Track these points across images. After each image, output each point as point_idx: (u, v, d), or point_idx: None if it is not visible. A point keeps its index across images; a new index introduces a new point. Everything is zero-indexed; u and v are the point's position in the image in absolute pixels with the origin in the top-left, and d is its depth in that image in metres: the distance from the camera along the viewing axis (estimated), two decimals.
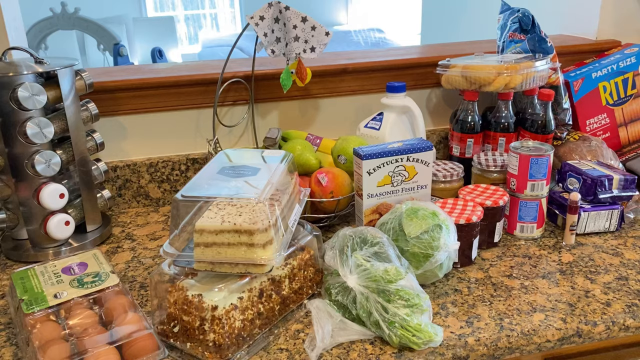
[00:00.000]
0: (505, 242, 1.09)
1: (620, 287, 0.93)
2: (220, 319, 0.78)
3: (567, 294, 0.92)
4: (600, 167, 1.14)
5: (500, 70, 1.17)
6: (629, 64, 1.35)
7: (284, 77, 1.14)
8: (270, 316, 0.86)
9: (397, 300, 0.81)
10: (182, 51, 5.71)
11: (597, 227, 1.10)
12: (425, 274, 0.92)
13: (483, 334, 0.83)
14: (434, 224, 0.91)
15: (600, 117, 1.36)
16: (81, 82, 1.09)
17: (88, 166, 1.12)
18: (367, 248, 0.87)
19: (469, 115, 1.24)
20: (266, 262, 0.78)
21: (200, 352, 0.79)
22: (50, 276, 0.89)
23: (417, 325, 0.79)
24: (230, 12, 6.36)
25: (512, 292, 0.93)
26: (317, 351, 0.78)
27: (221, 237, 0.77)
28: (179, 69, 1.30)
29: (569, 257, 1.03)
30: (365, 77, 1.35)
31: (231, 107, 1.31)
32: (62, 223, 1.05)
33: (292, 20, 1.09)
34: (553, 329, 0.84)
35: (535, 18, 1.26)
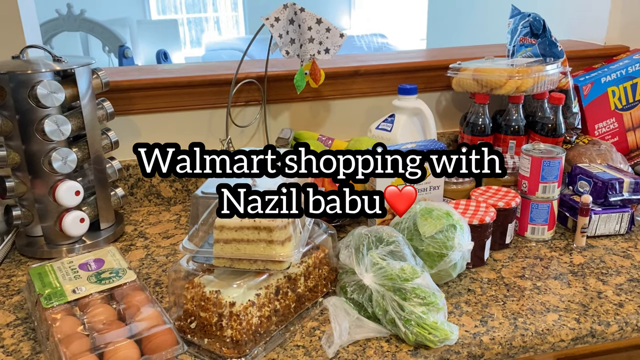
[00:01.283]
0: (517, 244, 1.10)
1: (632, 288, 0.94)
2: (238, 315, 0.79)
3: (580, 294, 0.93)
4: (610, 170, 1.15)
5: (511, 74, 1.18)
6: (638, 69, 1.36)
7: (297, 78, 1.15)
8: (286, 313, 0.87)
9: (413, 299, 0.81)
10: (185, 54, 5.73)
11: (608, 229, 1.11)
12: (439, 274, 0.92)
13: (497, 333, 0.84)
14: (448, 224, 0.92)
15: (608, 122, 1.38)
16: (97, 80, 1.10)
17: (103, 164, 1.12)
18: (382, 247, 0.88)
19: (480, 118, 1.25)
20: (284, 258, 0.79)
21: (218, 347, 0.80)
22: (67, 272, 0.90)
23: (433, 323, 0.80)
24: (233, 16, 6.39)
25: (525, 293, 0.94)
26: (335, 347, 0.78)
27: (241, 233, 0.78)
28: (192, 70, 1.31)
29: (580, 259, 1.04)
30: (376, 80, 1.36)
31: (243, 107, 1.32)
32: (77, 220, 1.06)
33: (307, 21, 1.10)
34: (567, 328, 0.85)
35: (546, 22, 1.28)
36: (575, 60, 1.45)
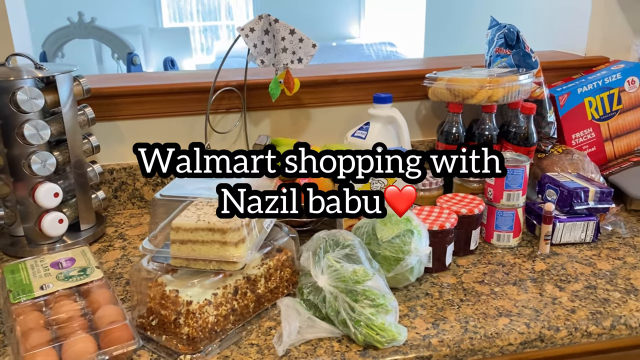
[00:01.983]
0: (482, 250, 1.12)
1: (587, 295, 0.96)
2: (194, 314, 0.82)
3: (535, 300, 0.95)
4: (578, 179, 1.17)
5: (482, 84, 1.20)
6: (615, 80, 1.38)
7: (272, 86, 1.19)
8: (245, 313, 0.90)
9: (363, 300, 0.84)
10: (196, 61, 5.81)
11: (573, 237, 1.12)
12: (397, 277, 0.95)
13: (447, 336, 0.86)
14: (405, 229, 0.95)
15: (586, 132, 1.39)
16: (79, 87, 1.15)
17: (83, 168, 1.17)
18: (338, 250, 0.91)
19: (454, 126, 1.28)
20: (238, 259, 0.82)
21: (174, 344, 0.83)
22: (39, 270, 0.94)
23: (381, 325, 0.83)
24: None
25: (481, 297, 0.96)
26: (284, 346, 0.81)
27: (196, 234, 0.82)
28: (175, 78, 1.36)
29: (542, 266, 1.06)
30: (356, 89, 1.40)
31: (225, 114, 1.36)
32: (56, 221, 1.11)
33: (280, 32, 1.14)
34: (516, 333, 0.87)
35: (521, 34, 1.30)
36: (555, 70, 1.47)
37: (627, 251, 1.10)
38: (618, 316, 0.90)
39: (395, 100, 1.41)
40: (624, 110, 1.40)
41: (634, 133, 1.42)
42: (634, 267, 1.04)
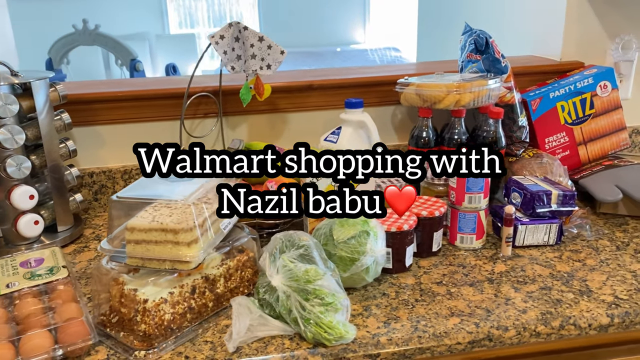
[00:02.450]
0: (446, 252, 1.14)
1: (541, 296, 0.98)
2: (150, 311, 0.85)
3: (489, 300, 0.97)
4: (543, 182, 1.19)
5: (450, 89, 1.23)
6: (586, 85, 1.39)
7: (243, 92, 1.22)
8: (203, 311, 0.93)
9: (313, 299, 0.87)
10: (202, 67, 5.86)
11: (536, 240, 1.14)
12: (353, 277, 0.97)
13: (396, 334, 0.88)
14: (361, 230, 0.97)
15: (559, 136, 1.41)
16: (55, 93, 1.19)
17: (60, 171, 1.21)
18: (294, 250, 0.93)
19: (424, 131, 1.30)
20: (190, 259, 0.85)
21: (130, 340, 0.86)
22: (8, 269, 0.98)
23: (329, 323, 0.85)
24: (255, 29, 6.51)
25: (436, 298, 0.98)
26: (234, 343, 0.84)
27: (150, 235, 0.85)
28: (153, 83, 1.40)
29: (502, 268, 1.07)
30: (331, 94, 1.42)
31: (202, 119, 1.39)
32: (32, 222, 1.14)
33: (249, 39, 1.17)
34: (465, 332, 0.89)
35: (491, 39, 1.32)
36: (530, 75, 1.49)
37: (588, 253, 1.11)
38: (568, 316, 0.92)
39: (371, 105, 1.45)
40: (597, 114, 1.41)
41: (608, 137, 1.43)
42: (592, 269, 1.06)
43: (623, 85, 1.55)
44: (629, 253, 1.11)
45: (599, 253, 1.12)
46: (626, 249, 1.13)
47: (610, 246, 1.14)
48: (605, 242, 1.16)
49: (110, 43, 3.90)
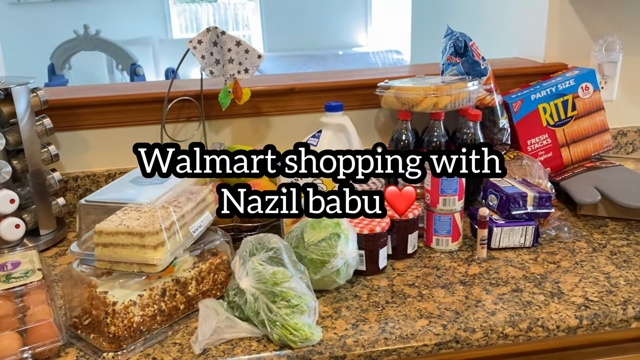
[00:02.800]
0: (422, 254, 1.14)
1: (512, 298, 0.98)
2: (119, 314, 0.86)
3: (459, 302, 0.97)
4: (520, 184, 1.19)
5: (427, 92, 1.23)
6: (568, 87, 1.39)
7: (222, 96, 1.24)
8: (173, 314, 0.94)
9: (280, 301, 0.87)
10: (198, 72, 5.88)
11: (512, 242, 1.14)
12: (324, 280, 0.98)
13: (363, 336, 0.89)
14: (332, 232, 0.98)
15: (541, 138, 1.41)
16: (36, 99, 1.20)
17: (42, 176, 1.22)
18: (263, 253, 0.94)
19: (403, 134, 1.30)
20: (157, 262, 0.86)
21: (99, 342, 0.87)
22: None
23: (295, 325, 0.86)
24: (247, 35, 6.51)
25: (407, 300, 0.98)
26: (200, 345, 0.85)
27: (117, 238, 0.86)
28: (137, 88, 1.41)
29: (476, 270, 1.08)
30: (313, 97, 1.43)
31: (185, 123, 1.40)
32: (12, 226, 1.16)
33: (227, 44, 1.19)
34: (432, 334, 0.89)
35: (470, 42, 1.32)
36: (513, 77, 1.49)
37: (564, 255, 1.11)
38: (536, 318, 0.92)
39: (354, 109, 1.46)
40: (579, 116, 1.41)
41: (590, 139, 1.43)
42: (566, 271, 1.06)
43: (607, 87, 1.55)
44: (604, 255, 1.11)
45: (575, 255, 1.12)
46: (602, 250, 1.13)
47: (586, 248, 1.14)
48: (582, 244, 1.16)
49: (110, 48, 3.94)
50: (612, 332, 0.96)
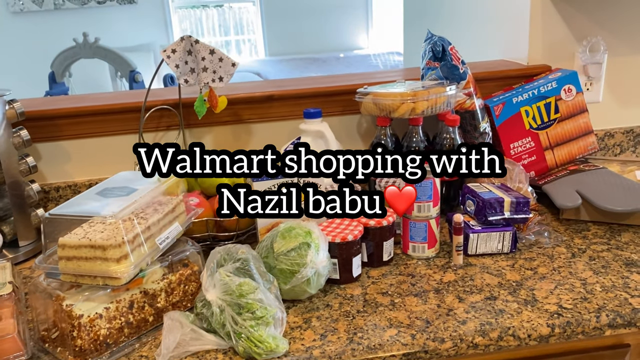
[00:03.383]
0: (398, 262, 1.13)
1: (485, 306, 0.96)
2: (85, 327, 0.86)
3: (430, 311, 0.96)
4: (498, 190, 1.17)
5: (404, 98, 1.22)
6: (550, 89, 1.37)
7: (197, 104, 1.23)
8: (142, 326, 0.93)
9: (245, 313, 0.87)
10: None
11: (490, 248, 1.13)
12: (295, 290, 0.97)
13: (330, 347, 0.88)
14: (302, 242, 0.97)
15: (524, 141, 1.39)
16: (12, 111, 1.21)
17: (20, 187, 1.23)
18: (231, 264, 0.94)
19: (382, 140, 1.29)
20: (120, 275, 0.86)
21: (65, 356, 0.87)
22: None
23: (259, 336, 0.85)
24: (249, 39, 6.51)
25: (379, 309, 0.97)
26: (164, 358, 0.84)
27: (80, 251, 0.86)
28: (116, 98, 1.41)
29: (451, 277, 1.06)
30: (294, 104, 1.43)
31: (166, 131, 1.40)
32: None
33: (201, 52, 1.18)
34: (399, 344, 0.88)
35: (449, 46, 1.31)
36: (497, 80, 1.48)
37: (542, 261, 1.10)
38: (507, 327, 0.91)
39: (335, 114, 1.45)
40: (563, 118, 1.39)
41: (575, 141, 1.41)
42: (542, 278, 1.04)
43: (593, 88, 1.53)
44: (583, 260, 1.09)
45: (553, 261, 1.10)
46: (582, 256, 1.11)
47: (566, 253, 1.12)
48: (562, 249, 1.14)
49: (109, 55, 3.95)
50: (585, 340, 0.94)
